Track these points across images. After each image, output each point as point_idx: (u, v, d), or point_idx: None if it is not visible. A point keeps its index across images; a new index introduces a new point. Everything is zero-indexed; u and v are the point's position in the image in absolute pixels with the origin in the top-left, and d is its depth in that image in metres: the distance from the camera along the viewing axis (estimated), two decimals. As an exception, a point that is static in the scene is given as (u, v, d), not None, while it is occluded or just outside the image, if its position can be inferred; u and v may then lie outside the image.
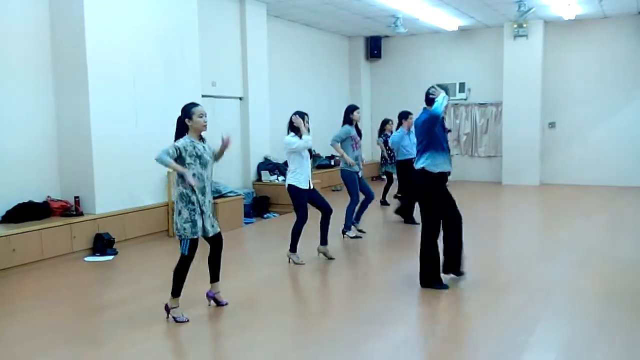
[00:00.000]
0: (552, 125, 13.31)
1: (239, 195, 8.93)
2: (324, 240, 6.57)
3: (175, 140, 4.57)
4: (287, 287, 5.95)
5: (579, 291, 5.37)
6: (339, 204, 7.65)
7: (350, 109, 7.56)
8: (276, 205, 10.05)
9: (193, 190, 4.50)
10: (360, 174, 7.56)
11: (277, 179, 10.34)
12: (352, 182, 7.49)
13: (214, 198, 8.38)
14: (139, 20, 7.65)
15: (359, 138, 7.59)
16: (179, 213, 4.54)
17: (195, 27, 8.57)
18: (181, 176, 4.49)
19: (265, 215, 9.66)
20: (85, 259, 6.83)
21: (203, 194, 4.57)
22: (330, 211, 6.49)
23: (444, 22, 12.70)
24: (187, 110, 4.58)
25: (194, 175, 4.49)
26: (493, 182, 13.68)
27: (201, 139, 4.65)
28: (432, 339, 4.28)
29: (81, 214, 7.07)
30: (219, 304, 4.94)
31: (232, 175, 10.06)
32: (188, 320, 4.58)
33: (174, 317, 4.61)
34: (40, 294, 5.58)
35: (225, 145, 4.75)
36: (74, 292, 5.67)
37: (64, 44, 7.14)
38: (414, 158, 5.53)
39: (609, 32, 12.53)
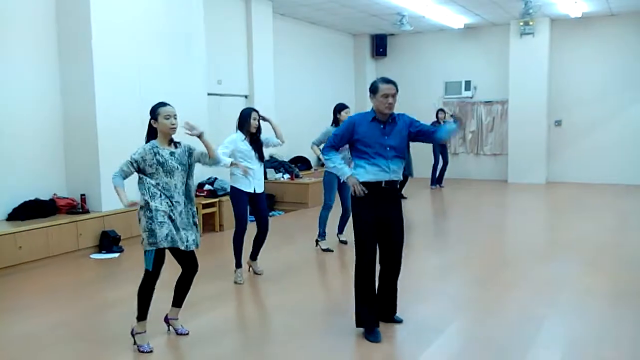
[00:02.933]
0: (558, 123, 13.26)
1: (244, 193, 8.91)
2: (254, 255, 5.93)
3: (145, 142, 4.11)
4: (294, 284, 5.95)
5: (586, 289, 5.35)
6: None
7: (338, 109, 6.88)
8: (282, 203, 10.08)
9: (152, 197, 3.97)
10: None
11: (283, 177, 10.35)
12: (328, 185, 6.86)
13: (220, 195, 8.46)
14: (144, 18, 7.65)
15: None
16: (139, 221, 4.06)
17: (201, 25, 8.57)
18: (140, 181, 4.02)
19: (270, 213, 9.67)
20: (91, 256, 6.85)
21: (171, 203, 4.00)
22: (266, 230, 5.81)
23: (449, 20, 12.67)
24: (153, 110, 4.07)
25: (157, 184, 3.97)
26: (499, 180, 13.64)
27: (172, 142, 4.12)
28: (435, 339, 4.27)
29: (87, 212, 7.09)
30: (176, 331, 4.33)
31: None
32: (152, 351, 3.98)
33: (137, 346, 4.02)
34: (46, 291, 5.60)
35: (189, 131, 4.07)
36: (79, 289, 5.69)
37: (70, 43, 7.16)
38: None
39: (616, 30, 12.47)
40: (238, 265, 5.71)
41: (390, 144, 4.18)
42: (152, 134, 4.12)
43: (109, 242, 6.98)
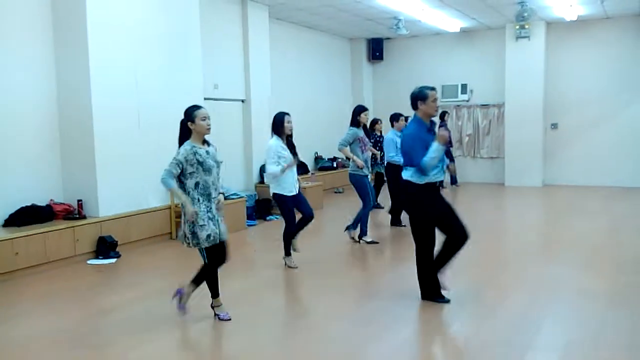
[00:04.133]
0: (554, 126, 13.30)
1: (242, 197, 8.94)
2: (294, 235, 6.36)
3: (179, 143, 4.49)
4: (288, 288, 5.95)
5: (583, 291, 5.36)
6: (340, 206, 7.63)
7: (358, 111, 7.29)
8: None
9: (199, 200, 4.41)
10: (369, 177, 7.36)
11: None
12: (363, 186, 7.27)
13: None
14: (141, 24, 7.65)
15: (367, 140, 7.36)
16: (183, 214, 4.46)
17: (197, 30, 8.58)
18: (180, 186, 4.42)
19: (267, 218, 9.66)
20: (88, 262, 6.83)
21: (209, 200, 4.46)
22: (312, 217, 6.31)
23: (445, 24, 12.71)
24: (190, 113, 4.47)
25: (197, 183, 4.40)
26: (495, 183, 13.67)
27: (205, 142, 4.56)
28: (435, 340, 4.27)
29: (84, 217, 7.07)
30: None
31: (235, 177, 10.07)
32: (230, 319, 4.63)
33: (217, 315, 4.67)
34: (43, 297, 5.58)
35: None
36: (77, 295, 5.67)
37: (67, 48, 7.14)
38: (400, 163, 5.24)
39: (611, 33, 12.52)
40: (287, 254, 6.35)
41: None
42: (185, 135, 4.49)
43: (105, 247, 6.96)
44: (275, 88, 11.18)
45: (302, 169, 11.89)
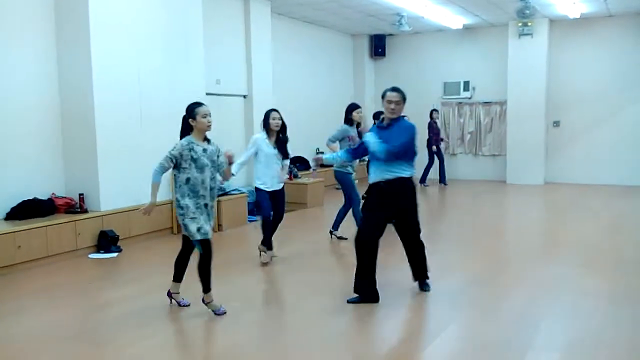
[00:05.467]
0: (556, 124, 13.28)
1: (243, 193, 8.95)
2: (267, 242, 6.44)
3: (180, 139, 4.57)
4: (290, 283, 5.95)
5: (583, 291, 5.36)
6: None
7: (350, 109, 7.27)
8: (280, 203, 10.05)
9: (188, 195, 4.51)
10: (354, 176, 7.28)
11: (281, 177, 10.33)
12: (348, 184, 7.20)
13: (218, 196, 8.45)
14: (143, 19, 7.65)
15: (358, 139, 7.13)
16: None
17: (199, 25, 8.57)
18: (173, 178, 4.59)
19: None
20: (90, 256, 6.85)
21: (197, 197, 4.51)
22: (280, 218, 6.48)
23: (448, 21, 12.68)
24: (191, 110, 4.56)
25: (188, 179, 4.48)
26: (497, 181, 13.65)
27: (205, 139, 4.63)
28: (435, 340, 4.28)
29: (85, 211, 7.08)
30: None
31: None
32: (226, 313, 4.68)
33: (214, 311, 4.71)
34: (44, 290, 5.60)
35: (230, 163, 4.78)
36: (78, 289, 5.69)
37: (69, 43, 7.14)
38: None
39: (614, 31, 12.50)
40: (267, 245, 6.42)
41: None
42: (186, 130, 4.59)
43: (107, 241, 6.98)
44: (277, 84, 11.18)
45: (303, 165, 11.90)
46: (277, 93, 11.15)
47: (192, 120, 4.54)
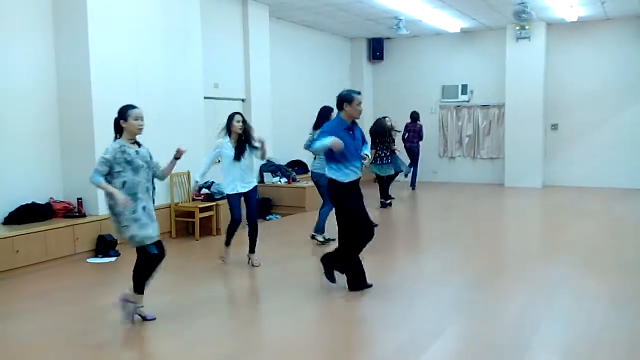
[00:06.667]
0: (554, 127, 13.30)
1: (242, 197, 8.92)
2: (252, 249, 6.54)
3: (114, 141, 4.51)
4: (288, 287, 5.94)
5: (582, 293, 5.37)
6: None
7: (326, 112, 7.34)
8: (279, 207, 10.07)
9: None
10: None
11: (280, 181, 10.35)
12: (324, 185, 7.32)
13: (218, 199, 8.44)
14: (141, 24, 7.65)
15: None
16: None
17: (197, 29, 8.58)
18: (108, 194, 4.35)
19: (267, 217, 9.66)
20: (88, 260, 6.84)
21: (135, 200, 4.38)
22: (254, 223, 6.50)
23: (446, 24, 12.71)
24: (123, 112, 4.49)
25: (124, 182, 4.36)
26: (495, 184, 13.66)
27: (136, 142, 4.54)
28: (435, 341, 4.27)
29: (84, 216, 7.07)
30: (144, 318, 4.66)
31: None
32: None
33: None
34: (42, 295, 5.58)
35: (177, 157, 4.70)
36: (76, 293, 5.67)
37: (67, 47, 7.14)
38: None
39: (611, 34, 12.53)
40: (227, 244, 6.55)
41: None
42: (118, 133, 4.53)
43: (105, 246, 6.96)
44: (276, 87, 11.18)
45: (302, 168, 11.89)
46: (275, 96, 11.16)
47: (123, 121, 4.47)
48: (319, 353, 4.10)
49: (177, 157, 4.70)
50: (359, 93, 5.19)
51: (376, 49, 14.70)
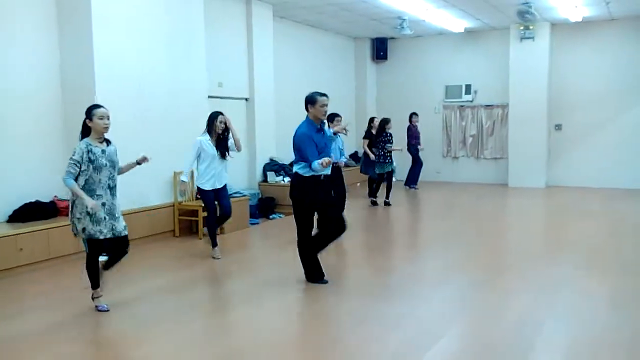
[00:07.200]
0: (558, 127, 13.28)
1: (245, 196, 8.95)
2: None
3: (80, 140, 4.69)
4: (288, 287, 5.96)
5: (584, 294, 5.36)
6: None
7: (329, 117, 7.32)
8: (282, 206, 10.06)
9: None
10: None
11: (283, 180, 10.36)
12: None
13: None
14: (145, 22, 7.68)
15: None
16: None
17: (201, 28, 8.60)
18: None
19: (270, 216, 9.68)
20: (92, 258, 6.85)
21: (94, 196, 4.61)
22: (227, 215, 6.74)
23: (450, 24, 12.70)
24: (88, 112, 4.69)
25: (86, 181, 4.59)
26: (499, 184, 13.65)
27: (104, 141, 4.76)
28: (436, 341, 4.27)
29: (87, 214, 7.09)
30: (97, 308, 4.91)
31: (238, 176, 10.08)
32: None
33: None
34: (46, 293, 5.61)
35: (138, 163, 4.98)
36: (79, 291, 5.68)
37: (71, 47, 7.17)
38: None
39: (616, 35, 12.50)
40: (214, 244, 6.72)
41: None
42: (86, 132, 4.71)
43: (109, 244, 6.98)
44: (279, 87, 11.20)
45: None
46: (279, 96, 11.17)
47: (88, 121, 4.67)
48: (319, 353, 4.11)
49: (139, 163, 4.96)
50: (323, 95, 5.41)
51: (380, 49, 14.69)
